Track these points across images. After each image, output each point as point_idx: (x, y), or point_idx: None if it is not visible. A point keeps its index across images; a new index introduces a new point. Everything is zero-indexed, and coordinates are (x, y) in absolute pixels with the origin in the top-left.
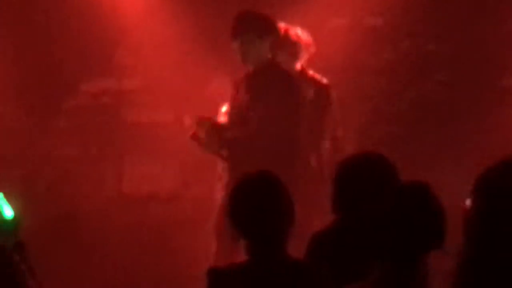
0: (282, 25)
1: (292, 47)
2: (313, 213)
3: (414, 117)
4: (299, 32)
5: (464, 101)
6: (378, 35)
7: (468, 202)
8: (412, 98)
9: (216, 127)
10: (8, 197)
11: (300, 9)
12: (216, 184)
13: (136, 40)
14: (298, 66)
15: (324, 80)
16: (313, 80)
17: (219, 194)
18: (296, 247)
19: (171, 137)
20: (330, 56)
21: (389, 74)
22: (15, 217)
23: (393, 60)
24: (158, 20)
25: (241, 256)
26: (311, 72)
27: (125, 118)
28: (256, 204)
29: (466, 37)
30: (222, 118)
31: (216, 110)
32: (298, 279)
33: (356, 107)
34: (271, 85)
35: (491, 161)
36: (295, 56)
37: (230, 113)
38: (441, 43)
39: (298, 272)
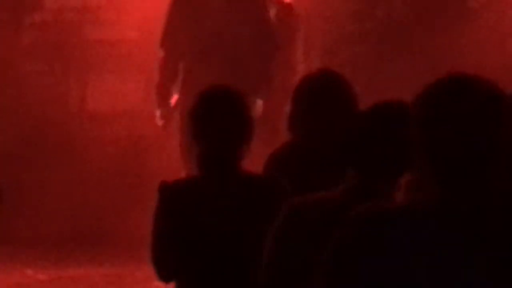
0: None
1: None
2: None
3: (380, 37)
4: None
5: (429, 19)
6: None
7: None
8: (379, 17)
9: None
10: None
11: None
12: None
13: None
14: None
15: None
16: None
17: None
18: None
19: (134, 54)
20: None
21: None
22: None
23: None
24: None
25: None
26: None
27: (89, 35)
28: (214, 112)
29: None
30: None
31: None
32: (253, 192)
33: (321, 27)
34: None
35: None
36: None
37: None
38: None
39: (253, 185)
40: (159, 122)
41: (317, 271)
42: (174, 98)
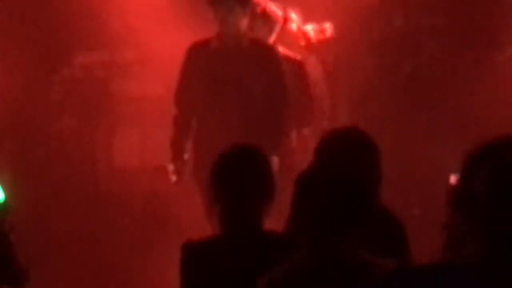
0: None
1: (268, 23)
2: None
3: (408, 92)
4: (273, 8)
5: (458, 75)
6: (371, 10)
7: (453, 178)
8: (406, 73)
9: None
10: None
11: None
12: None
13: (129, 13)
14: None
15: (298, 57)
16: (286, 57)
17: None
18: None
19: (161, 110)
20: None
21: (383, 49)
22: (5, 200)
23: (387, 35)
24: None
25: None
26: (281, 49)
27: (117, 90)
28: (236, 171)
29: (460, 10)
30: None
31: None
32: (274, 252)
33: (348, 81)
34: (268, 61)
35: (483, 137)
36: (270, 32)
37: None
38: (435, 17)
39: (274, 245)
40: (173, 178)
41: None
42: (187, 154)
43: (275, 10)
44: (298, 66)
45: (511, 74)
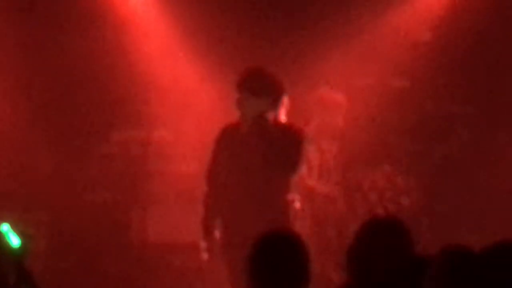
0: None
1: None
2: None
3: (438, 177)
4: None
5: (487, 162)
6: (403, 96)
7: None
8: (436, 159)
9: None
10: (15, 227)
11: (326, 67)
12: None
13: (165, 92)
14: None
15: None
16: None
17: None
18: None
19: (196, 187)
20: (356, 114)
21: (413, 134)
22: (21, 245)
23: (417, 121)
24: (189, 73)
25: None
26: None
27: (152, 167)
28: (274, 261)
29: (489, 99)
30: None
31: None
32: None
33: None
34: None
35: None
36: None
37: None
38: (465, 104)
39: None
40: (204, 256)
41: None
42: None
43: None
44: (299, 134)
45: None
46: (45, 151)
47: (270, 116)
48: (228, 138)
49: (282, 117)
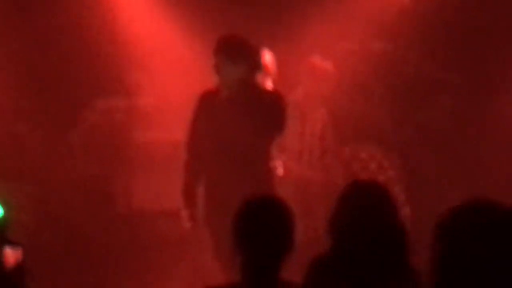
0: (262, 50)
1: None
2: None
3: (418, 143)
4: (267, 57)
5: (468, 129)
6: (384, 60)
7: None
8: (417, 125)
9: None
10: None
11: (310, 33)
12: None
13: (148, 59)
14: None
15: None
16: (267, 90)
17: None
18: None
19: (180, 154)
20: (338, 79)
21: (394, 100)
22: (3, 215)
23: (398, 86)
24: (171, 41)
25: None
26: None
27: (136, 135)
28: (259, 225)
29: (473, 66)
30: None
31: None
32: None
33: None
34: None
35: (487, 190)
36: (262, 79)
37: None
38: (447, 69)
39: None
40: (186, 224)
41: None
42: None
43: (268, 60)
44: (277, 98)
45: None
46: (30, 121)
47: (249, 81)
48: (207, 105)
49: (268, 83)
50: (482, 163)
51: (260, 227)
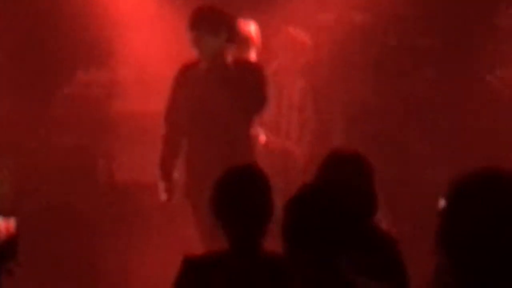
0: (239, 21)
1: (243, 43)
2: None
3: (401, 113)
4: (252, 28)
5: (452, 97)
6: (365, 31)
7: (441, 202)
8: (400, 94)
9: None
10: None
11: (287, 4)
12: None
13: (129, 31)
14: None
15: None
16: (246, 62)
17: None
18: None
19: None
20: (317, 51)
21: (376, 70)
22: None
23: (380, 56)
24: (152, 13)
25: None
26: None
27: (116, 108)
28: (238, 196)
29: (455, 32)
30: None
31: None
32: (273, 274)
33: (343, 102)
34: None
35: (474, 161)
36: (245, 51)
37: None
38: (429, 38)
39: (273, 267)
40: (163, 196)
41: None
42: (177, 172)
43: (252, 30)
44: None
45: (502, 96)
46: (9, 93)
47: (228, 53)
48: (186, 77)
49: (252, 55)
50: (467, 131)
51: (239, 195)
